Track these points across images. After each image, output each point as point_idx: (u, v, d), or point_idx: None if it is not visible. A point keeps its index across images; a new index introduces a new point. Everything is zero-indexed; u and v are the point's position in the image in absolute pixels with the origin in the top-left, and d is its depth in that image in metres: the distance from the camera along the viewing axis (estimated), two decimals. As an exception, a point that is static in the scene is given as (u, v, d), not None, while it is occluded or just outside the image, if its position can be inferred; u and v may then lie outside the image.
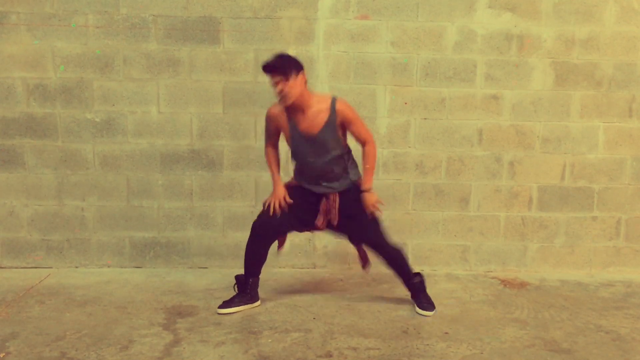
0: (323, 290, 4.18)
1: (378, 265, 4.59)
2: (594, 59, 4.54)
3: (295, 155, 3.68)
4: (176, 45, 4.41)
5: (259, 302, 3.82)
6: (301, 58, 4.38)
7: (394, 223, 4.57)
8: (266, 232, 3.70)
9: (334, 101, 3.51)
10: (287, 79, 3.37)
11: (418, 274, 3.87)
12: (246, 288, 3.77)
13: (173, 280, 4.33)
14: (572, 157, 4.64)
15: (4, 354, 3.05)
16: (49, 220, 4.53)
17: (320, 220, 3.67)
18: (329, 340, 3.30)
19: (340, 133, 3.57)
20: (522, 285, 4.41)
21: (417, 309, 3.76)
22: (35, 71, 4.37)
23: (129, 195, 4.54)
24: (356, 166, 3.75)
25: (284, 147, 3.93)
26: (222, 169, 4.54)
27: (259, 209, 4.53)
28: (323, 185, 3.64)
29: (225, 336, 3.33)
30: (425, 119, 4.55)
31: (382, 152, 4.54)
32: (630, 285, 4.49)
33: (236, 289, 3.82)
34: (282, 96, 3.40)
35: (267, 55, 4.37)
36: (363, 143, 3.64)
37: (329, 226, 3.73)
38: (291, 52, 4.43)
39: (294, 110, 3.52)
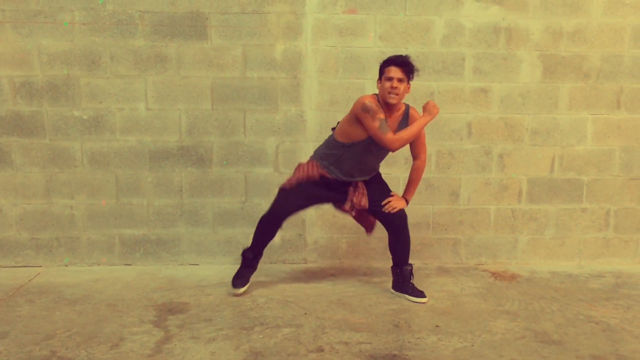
0: (314, 285, 4.18)
1: (369, 260, 4.60)
2: (582, 51, 4.56)
3: (358, 146, 3.73)
4: (163, 42, 4.38)
5: (256, 270, 4.07)
6: (289, 53, 4.40)
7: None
8: (286, 212, 3.87)
9: (407, 107, 3.79)
10: (407, 82, 3.65)
11: (411, 263, 4.01)
12: (253, 263, 4.00)
13: (163, 278, 4.32)
14: (561, 149, 4.66)
15: (-7, 353, 3.04)
16: (37, 219, 4.50)
17: (348, 206, 3.84)
18: (321, 335, 3.30)
19: None
20: (513, 277, 4.43)
21: (411, 298, 3.85)
22: (21, 69, 4.33)
23: (118, 193, 4.52)
24: None
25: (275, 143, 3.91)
26: (212, 165, 4.53)
27: (249, 205, 4.55)
28: (359, 178, 3.86)
29: (216, 332, 3.32)
30: (414, 112, 4.55)
31: (371, 147, 4.54)
32: (620, 276, 4.51)
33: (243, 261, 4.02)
34: (395, 93, 3.59)
35: (255, 51, 4.38)
36: (417, 155, 3.90)
37: (361, 212, 3.91)
38: (279, 47, 4.42)
39: (384, 106, 3.68)
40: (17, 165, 4.43)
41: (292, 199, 3.83)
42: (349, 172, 3.81)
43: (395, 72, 3.59)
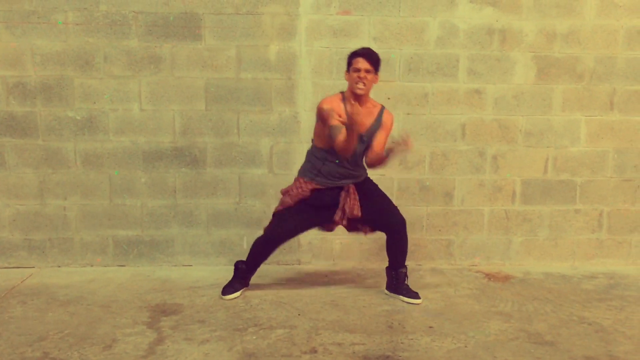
0: (308, 287, 4.18)
1: (363, 261, 4.60)
2: (575, 53, 4.57)
3: (332, 149, 3.68)
4: (157, 42, 4.37)
5: (248, 287, 4.05)
6: (283, 54, 4.39)
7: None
8: (281, 238, 3.87)
9: (382, 109, 3.83)
10: (375, 73, 3.69)
11: (406, 265, 4.00)
12: (246, 276, 3.99)
13: (157, 279, 4.31)
14: (554, 151, 4.67)
15: (-15, 355, 3.02)
16: (30, 220, 4.49)
17: (338, 216, 3.78)
18: (314, 336, 3.30)
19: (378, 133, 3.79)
20: (507, 278, 4.44)
21: (406, 299, 3.86)
22: (14, 69, 4.32)
23: (111, 194, 4.51)
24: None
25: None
26: (206, 166, 4.52)
27: (243, 205, 4.54)
28: (346, 181, 3.80)
29: (209, 334, 3.31)
30: (408, 114, 4.56)
31: (365, 148, 4.54)
32: (613, 277, 4.53)
33: (235, 272, 4.01)
34: (362, 84, 3.63)
35: (249, 52, 4.38)
36: (374, 148, 3.76)
37: (353, 221, 3.85)
38: (273, 48, 4.42)
39: (351, 99, 3.69)
40: (10, 166, 4.41)
41: (288, 224, 3.81)
42: (337, 175, 3.78)
43: (362, 63, 3.63)
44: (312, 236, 4.61)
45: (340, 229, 4.02)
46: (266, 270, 4.48)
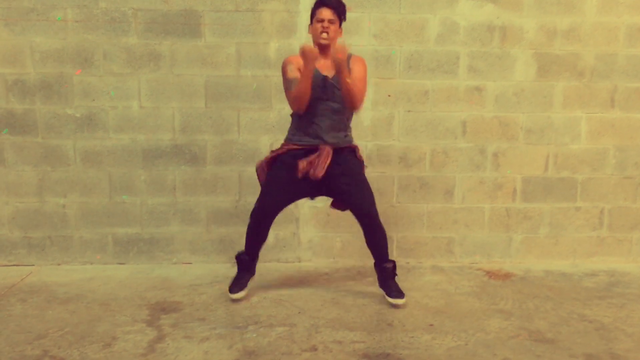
0: (308, 284, 4.17)
1: (364, 259, 4.59)
2: (576, 50, 4.56)
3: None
4: (157, 39, 4.36)
5: (254, 275, 3.95)
6: (284, 51, 4.38)
7: (379, 216, 4.55)
8: (266, 214, 3.70)
9: (350, 56, 3.62)
10: (339, 24, 3.60)
11: (392, 260, 3.82)
12: (250, 266, 3.87)
13: (157, 276, 4.30)
14: (555, 148, 4.66)
15: (-16, 353, 3.02)
16: (30, 218, 4.48)
17: (302, 164, 3.54)
18: (314, 334, 3.29)
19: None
20: (507, 276, 4.43)
21: (388, 299, 3.73)
22: (13, 67, 4.31)
23: (111, 192, 4.50)
24: (351, 129, 3.79)
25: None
26: (205, 163, 4.51)
27: (242, 203, 4.53)
28: (324, 137, 3.60)
29: (209, 332, 3.31)
30: (408, 111, 4.55)
31: (366, 145, 4.53)
32: (614, 274, 4.52)
33: (238, 266, 3.91)
34: (326, 35, 3.52)
35: (249, 49, 4.37)
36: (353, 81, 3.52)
37: (324, 188, 3.65)
38: (273, 45, 4.41)
39: (321, 52, 3.57)
40: (9, 164, 4.40)
41: (272, 194, 3.66)
42: (313, 131, 3.60)
43: (326, 13, 3.53)
44: (312, 234, 4.60)
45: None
46: (266, 268, 4.48)
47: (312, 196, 3.80)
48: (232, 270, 4.28)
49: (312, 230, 4.62)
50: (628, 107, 4.64)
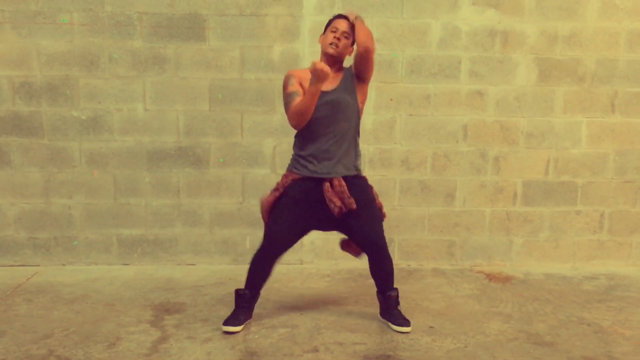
0: (310, 286, 4.21)
1: (365, 262, 4.61)
2: (577, 55, 4.59)
3: (310, 125, 3.31)
4: (162, 43, 4.41)
5: (251, 318, 3.56)
6: (287, 55, 4.42)
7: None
8: (275, 253, 3.42)
9: (350, 67, 3.43)
10: (352, 40, 3.35)
11: (395, 287, 3.59)
12: (250, 304, 3.50)
13: (161, 277, 4.35)
14: (555, 152, 4.69)
15: (-9, 352, 3.07)
16: (35, 219, 4.53)
17: (337, 206, 3.28)
18: (316, 336, 3.33)
19: (357, 93, 3.39)
20: (507, 279, 4.47)
21: (394, 327, 3.44)
22: (20, 69, 4.36)
23: (116, 193, 4.54)
24: (360, 157, 3.51)
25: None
26: (209, 166, 4.55)
27: (246, 205, 4.57)
28: (331, 163, 3.32)
29: (212, 332, 3.35)
30: (410, 115, 4.59)
31: (368, 149, 4.57)
32: (613, 278, 4.55)
33: (236, 303, 3.52)
34: (335, 46, 3.29)
35: (253, 53, 4.42)
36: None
37: (333, 220, 3.39)
38: (277, 49, 4.45)
39: (323, 62, 3.31)
40: (15, 165, 4.45)
41: (279, 230, 3.37)
42: (317, 158, 3.33)
43: (342, 24, 3.31)
44: (314, 236, 4.64)
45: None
46: (269, 269, 4.51)
47: (323, 229, 3.55)
48: (235, 271, 4.34)
49: (315, 232, 4.65)
50: (628, 112, 4.68)
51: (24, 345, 3.16)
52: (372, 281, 4.23)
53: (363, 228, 3.37)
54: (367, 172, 4.54)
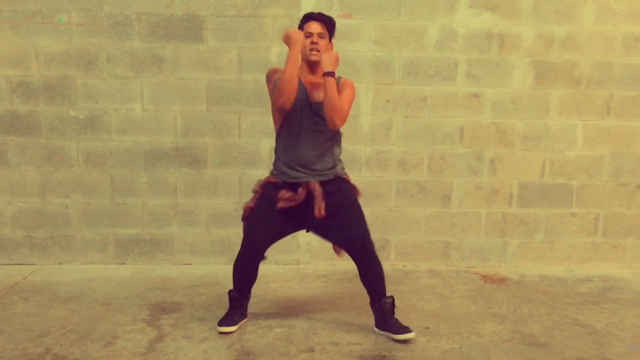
0: (306, 286, 4.23)
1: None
2: (573, 58, 4.62)
3: (287, 124, 3.31)
4: (160, 43, 4.42)
5: (247, 318, 3.54)
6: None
7: (377, 220, 4.62)
8: (254, 252, 3.34)
9: (339, 78, 3.36)
10: (328, 39, 3.33)
11: (391, 295, 3.45)
12: (242, 305, 3.48)
13: (157, 277, 4.36)
14: (551, 155, 4.72)
15: (-12, 350, 3.07)
16: (32, 218, 4.53)
17: (318, 209, 3.25)
18: (312, 336, 3.34)
19: None
20: (503, 280, 4.49)
21: (395, 336, 3.30)
22: (18, 69, 4.37)
23: (113, 193, 4.56)
24: (341, 161, 3.46)
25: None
26: (206, 166, 4.57)
27: (243, 206, 4.58)
28: (308, 169, 3.30)
29: (209, 332, 3.36)
30: (407, 116, 4.61)
31: (364, 150, 4.59)
32: (608, 280, 4.58)
33: (230, 304, 3.51)
34: (316, 49, 3.25)
35: (250, 54, 4.43)
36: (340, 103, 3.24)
37: (313, 222, 3.35)
38: (274, 50, 4.47)
39: (306, 69, 3.35)
40: (13, 164, 4.46)
41: (256, 232, 3.31)
42: (294, 162, 3.30)
43: (314, 26, 3.27)
44: (311, 237, 4.65)
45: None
46: (265, 269, 4.52)
47: (306, 229, 3.48)
48: (232, 271, 4.33)
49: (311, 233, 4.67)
50: (623, 115, 4.71)
51: (21, 343, 3.17)
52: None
53: (345, 231, 3.30)
54: (363, 173, 4.58)
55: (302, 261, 4.73)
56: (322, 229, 3.39)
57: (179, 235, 4.64)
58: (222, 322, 3.40)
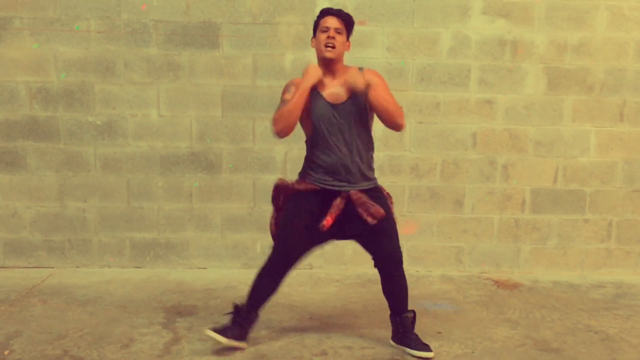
0: (319, 291, 4.26)
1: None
2: (586, 64, 4.63)
3: (316, 134, 3.18)
4: (176, 50, 4.49)
5: (245, 345, 3.23)
6: (299, 63, 4.48)
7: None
8: (285, 264, 3.22)
9: (361, 69, 3.17)
10: (346, 35, 3.14)
11: (412, 310, 3.34)
12: (244, 323, 3.23)
13: (172, 280, 4.41)
14: (564, 161, 4.73)
15: (7, 351, 3.13)
16: (50, 221, 4.61)
17: (328, 220, 3.11)
18: (325, 340, 3.38)
19: (367, 107, 3.14)
20: (515, 286, 4.50)
21: (414, 352, 3.19)
22: (38, 75, 4.45)
23: (129, 197, 4.62)
24: (373, 169, 3.33)
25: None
26: (221, 171, 4.62)
27: (257, 210, 4.63)
28: (345, 177, 3.16)
29: (223, 335, 3.40)
30: (420, 122, 4.64)
31: (378, 155, 4.59)
32: (621, 286, 4.57)
33: (231, 319, 3.27)
34: (330, 46, 3.07)
35: (265, 60, 4.49)
36: (382, 103, 3.08)
37: (345, 232, 3.23)
38: (289, 57, 4.52)
39: (327, 72, 3.17)
40: (32, 169, 4.54)
41: (293, 238, 3.19)
42: (330, 169, 3.16)
43: (331, 21, 3.08)
44: (324, 241, 4.69)
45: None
46: (279, 274, 4.56)
47: (338, 238, 3.32)
48: (246, 275, 4.37)
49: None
50: (637, 121, 4.71)
51: (40, 345, 3.23)
52: (380, 286, 4.28)
53: (382, 242, 3.19)
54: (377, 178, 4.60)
55: (315, 265, 4.76)
56: (360, 236, 3.24)
57: (194, 240, 4.70)
58: (215, 329, 3.19)
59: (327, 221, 3.11)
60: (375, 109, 3.08)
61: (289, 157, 4.61)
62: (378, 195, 3.25)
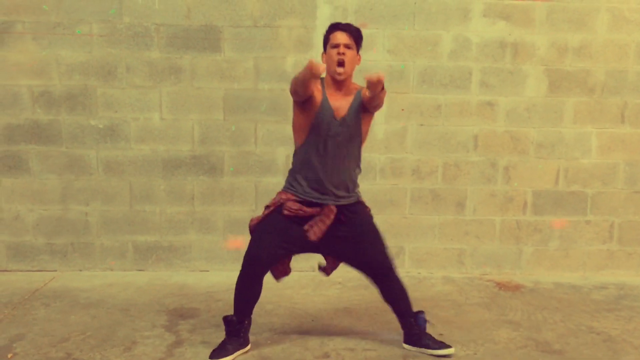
0: (321, 293, 4.27)
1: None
2: (587, 66, 4.64)
3: (313, 140, 3.18)
4: (178, 54, 4.50)
5: (249, 347, 3.28)
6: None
7: (391, 227, 4.65)
8: (260, 264, 3.23)
9: (361, 89, 3.23)
10: (356, 49, 3.18)
11: (421, 310, 3.38)
12: (239, 331, 3.23)
13: (175, 283, 4.42)
14: (565, 162, 4.73)
15: (11, 354, 3.14)
16: (53, 225, 4.62)
17: (314, 232, 3.16)
18: (327, 342, 3.39)
19: (362, 123, 3.22)
20: (517, 287, 4.50)
21: (438, 352, 3.23)
22: (40, 79, 4.46)
23: (131, 200, 4.63)
24: (357, 185, 3.36)
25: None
26: (223, 174, 4.63)
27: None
28: (335, 192, 3.19)
29: (226, 337, 3.41)
30: (421, 125, 4.65)
31: (379, 158, 4.63)
32: (623, 287, 4.57)
33: (226, 332, 3.27)
34: (341, 62, 3.09)
35: (266, 64, 4.50)
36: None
37: (330, 248, 3.31)
38: (290, 60, 4.53)
39: (331, 85, 3.20)
40: (34, 172, 4.55)
41: (265, 241, 3.20)
42: (318, 183, 3.18)
43: (341, 37, 3.10)
44: (326, 244, 4.69)
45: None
46: (281, 276, 4.57)
47: (319, 253, 3.39)
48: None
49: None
50: (638, 123, 4.71)
51: (43, 348, 3.24)
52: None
53: (367, 252, 3.24)
54: (378, 180, 4.63)
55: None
56: (344, 254, 3.31)
57: (196, 243, 4.71)
58: (214, 352, 3.16)
59: (313, 234, 3.16)
60: (375, 103, 3.16)
61: (290, 160, 4.61)
62: (361, 210, 3.31)
